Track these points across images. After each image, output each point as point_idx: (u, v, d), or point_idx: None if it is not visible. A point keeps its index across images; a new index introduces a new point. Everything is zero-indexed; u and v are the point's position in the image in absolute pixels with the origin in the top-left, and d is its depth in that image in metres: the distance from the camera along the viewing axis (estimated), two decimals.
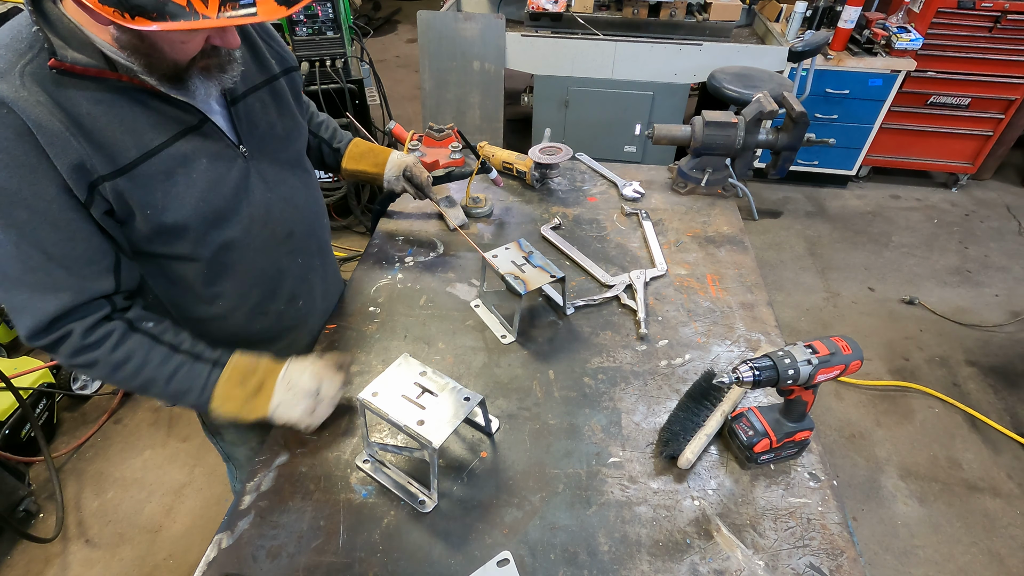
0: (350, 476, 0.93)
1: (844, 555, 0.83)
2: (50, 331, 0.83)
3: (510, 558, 0.81)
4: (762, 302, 1.26)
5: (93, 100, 0.77)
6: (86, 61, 0.75)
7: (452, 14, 3.22)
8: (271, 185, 0.98)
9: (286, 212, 1.02)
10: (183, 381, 0.90)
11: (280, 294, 1.08)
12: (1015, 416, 2.41)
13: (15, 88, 0.72)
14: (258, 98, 0.96)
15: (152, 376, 0.89)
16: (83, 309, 0.84)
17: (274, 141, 0.99)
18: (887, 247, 3.35)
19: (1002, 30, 3.15)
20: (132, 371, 0.88)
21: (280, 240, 1.02)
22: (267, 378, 0.93)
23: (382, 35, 6.15)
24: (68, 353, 0.85)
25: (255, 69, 0.97)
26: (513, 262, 1.15)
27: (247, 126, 0.94)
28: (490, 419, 0.98)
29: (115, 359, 0.86)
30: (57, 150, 0.74)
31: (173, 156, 0.84)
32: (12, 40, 0.75)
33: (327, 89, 2.81)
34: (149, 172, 0.82)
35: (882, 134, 3.54)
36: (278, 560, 0.82)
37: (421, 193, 1.34)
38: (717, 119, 1.52)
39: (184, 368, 0.90)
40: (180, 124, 0.85)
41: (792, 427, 0.92)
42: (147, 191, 0.83)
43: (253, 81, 0.96)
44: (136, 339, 0.88)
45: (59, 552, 1.93)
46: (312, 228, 1.12)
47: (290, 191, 1.03)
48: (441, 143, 1.68)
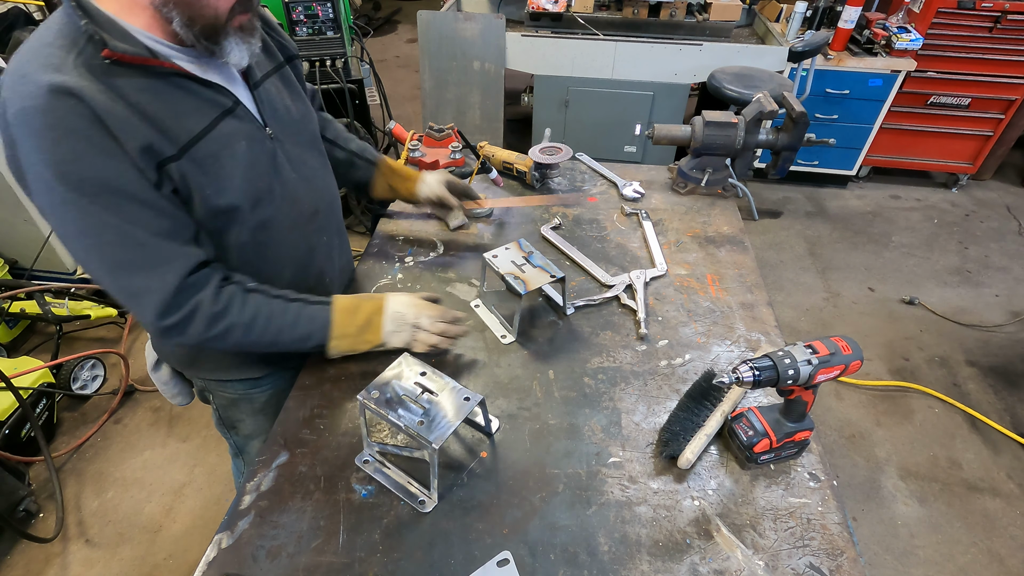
0: (350, 476, 0.93)
1: (844, 555, 0.83)
2: (179, 306, 0.87)
3: (510, 558, 0.81)
4: (762, 302, 1.26)
5: (141, 88, 0.80)
6: (133, 50, 0.77)
7: (452, 14, 3.22)
8: (295, 165, 1.03)
9: (310, 191, 1.07)
10: (306, 324, 1.00)
11: (311, 271, 1.13)
12: (1015, 416, 2.41)
13: (77, 79, 0.74)
14: (272, 83, 1.01)
15: (281, 326, 0.97)
16: (198, 279, 0.88)
17: (292, 123, 1.04)
18: (887, 247, 3.35)
19: (1002, 30, 3.15)
20: (263, 326, 0.95)
21: (307, 218, 1.08)
22: (373, 313, 1.05)
23: (382, 35, 6.15)
24: (203, 325, 0.89)
25: (264, 57, 1.02)
26: (513, 262, 1.15)
27: (269, 109, 0.98)
28: (490, 419, 0.98)
29: (246, 319, 0.93)
30: (127, 134, 0.77)
31: (216, 139, 0.88)
32: (56, 37, 0.77)
33: (327, 89, 2.82)
34: (200, 155, 0.86)
35: (882, 134, 3.54)
36: (278, 560, 0.82)
37: (464, 196, 1.38)
38: (717, 119, 1.52)
39: (304, 312, 0.99)
40: (218, 107, 0.88)
41: (792, 427, 0.92)
42: (202, 173, 0.86)
43: (265, 68, 1.01)
44: (254, 298, 0.95)
45: (59, 552, 1.93)
46: (332, 207, 1.17)
47: (311, 171, 1.08)
48: (441, 143, 1.68)
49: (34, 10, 2.48)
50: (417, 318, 1.06)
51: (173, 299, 0.85)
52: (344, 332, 1.03)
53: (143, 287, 0.84)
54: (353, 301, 1.05)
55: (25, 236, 2.56)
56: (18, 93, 0.73)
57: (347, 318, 1.03)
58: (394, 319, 1.05)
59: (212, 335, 0.91)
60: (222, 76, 0.91)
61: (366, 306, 1.05)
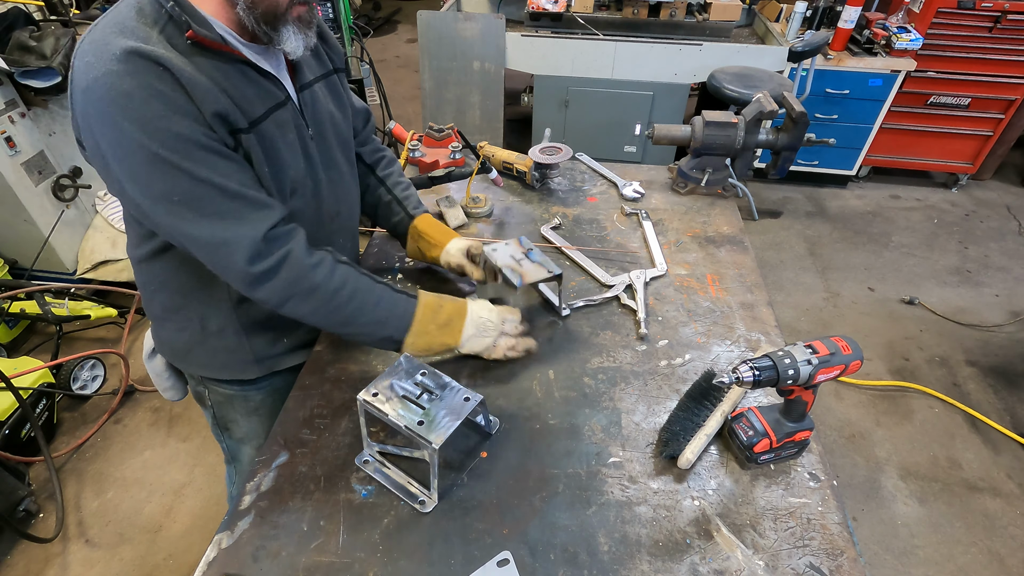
0: (350, 476, 0.93)
1: (844, 555, 0.83)
2: (270, 253, 0.88)
3: (510, 558, 0.81)
4: (762, 302, 1.26)
5: (216, 68, 0.85)
6: (210, 35, 0.82)
7: (452, 14, 3.22)
8: (327, 166, 1.06)
9: (336, 192, 1.11)
10: (387, 308, 0.99)
11: None
12: (1015, 416, 2.41)
13: (161, 49, 0.79)
14: (319, 88, 1.06)
15: (362, 303, 0.97)
16: (287, 231, 0.91)
17: (331, 128, 1.07)
18: (887, 247, 3.35)
19: (1002, 30, 3.15)
20: (346, 297, 0.95)
21: (330, 217, 1.11)
22: (455, 316, 1.04)
23: (382, 35, 6.15)
24: (292, 276, 0.91)
25: (315, 64, 1.06)
26: (512, 256, 1.15)
27: (312, 110, 1.02)
28: (490, 419, 0.98)
29: (334, 284, 0.94)
30: (206, 102, 0.81)
31: (273, 125, 0.93)
32: (138, 15, 0.81)
33: None
34: (262, 135, 0.91)
35: (882, 134, 3.54)
36: (278, 560, 0.82)
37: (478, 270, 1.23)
38: (717, 119, 1.52)
39: (387, 296, 0.99)
40: (274, 99, 0.93)
41: (792, 427, 0.92)
42: (264, 151, 0.92)
43: (315, 72, 1.05)
44: (344, 267, 0.97)
45: (59, 552, 1.93)
46: (352, 212, 1.19)
47: (340, 175, 1.11)
48: (441, 143, 1.68)
49: (34, 10, 2.47)
50: (503, 323, 1.08)
51: (265, 246, 0.88)
52: (424, 328, 1.02)
53: (234, 236, 0.86)
54: (437, 299, 1.05)
55: (25, 236, 2.56)
56: (101, 58, 0.76)
57: (429, 315, 1.02)
58: (477, 324, 1.05)
59: (297, 291, 0.92)
60: (279, 72, 0.96)
61: (448, 307, 1.05)
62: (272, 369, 1.17)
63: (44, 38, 2.33)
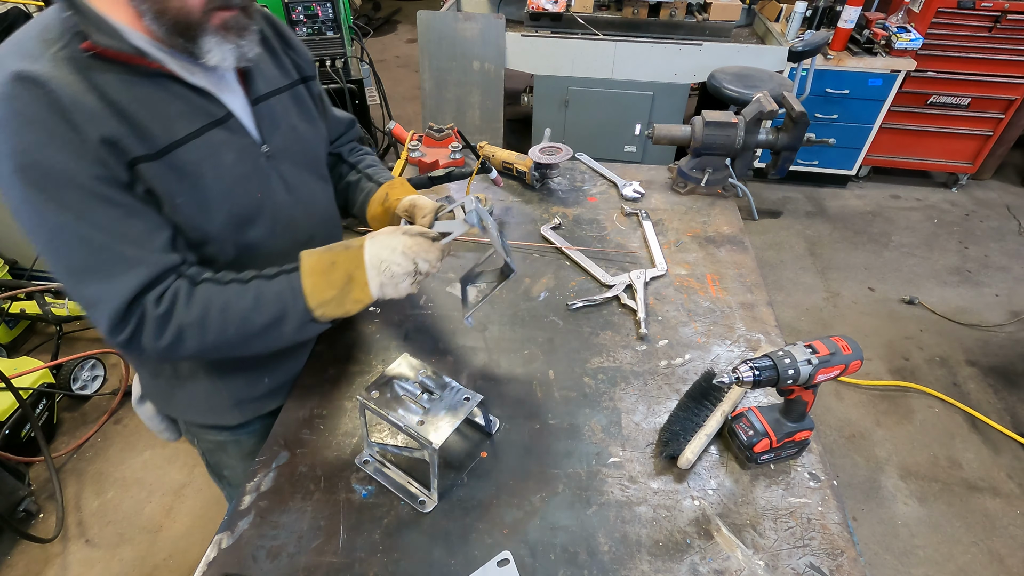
0: (350, 476, 0.93)
1: (844, 555, 0.83)
2: (128, 317, 0.79)
3: (510, 558, 0.81)
4: (762, 302, 1.26)
5: (124, 84, 0.76)
6: (117, 46, 0.74)
7: (452, 14, 3.22)
8: (292, 187, 0.98)
9: (307, 216, 1.02)
10: (273, 301, 0.86)
11: None
12: (1015, 416, 2.41)
13: (48, 68, 0.71)
14: (279, 101, 0.97)
15: (242, 314, 0.84)
16: (155, 285, 0.80)
17: (296, 144, 0.99)
18: (887, 247, 3.35)
19: (1002, 30, 3.15)
20: (219, 319, 0.83)
21: (301, 244, 0.96)
22: (353, 268, 0.88)
23: (382, 35, 6.15)
24: (152, 336, 0.80)
25: (277, 74, 0.98)
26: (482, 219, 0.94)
27: (269, 125, 0.94)
28: (490, 419, 0.98)
29: (195, 315, 0.82)
30: (92, 126, 0.72)
31: (201, 147, 0.83)
32: (41, 31, 0.75)
33: (327, 89, 2.81)
34: (181, 160, 0.81)
35: (882, 134, 3.54)
36: (278, 560, 0.82)
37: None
38: (717, 119, 1.52)
39: (265, 289, 0.86)
40: (207, 116, 0.84)
41: (792, 427, 0.92)
42: (179, 180, 0.81)
43: (275, 84, 0.97)
44: (203, 288, 0.84)
45: (59, 552, 1.93)
46: (331, 234, 1.09)
47: (310, 195, 1.03)
48: (441, 143, 1.68)
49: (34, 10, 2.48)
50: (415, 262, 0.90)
51: (126, 310, 0.78)
52: (324, 298, 0.87)
53: (96, 297, 0.78)
54: (323, 256, 0.89)
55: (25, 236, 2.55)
56: None
57: (322, 280, 0.88)
58: (382, 271, 0.88)
59: (165, 344, 0.81)
60: (218, 85, 0.86)
61: (341, 260, 0.89)
62: (256, 413, 1.09)
63: None
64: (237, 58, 0.82)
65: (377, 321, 1.21)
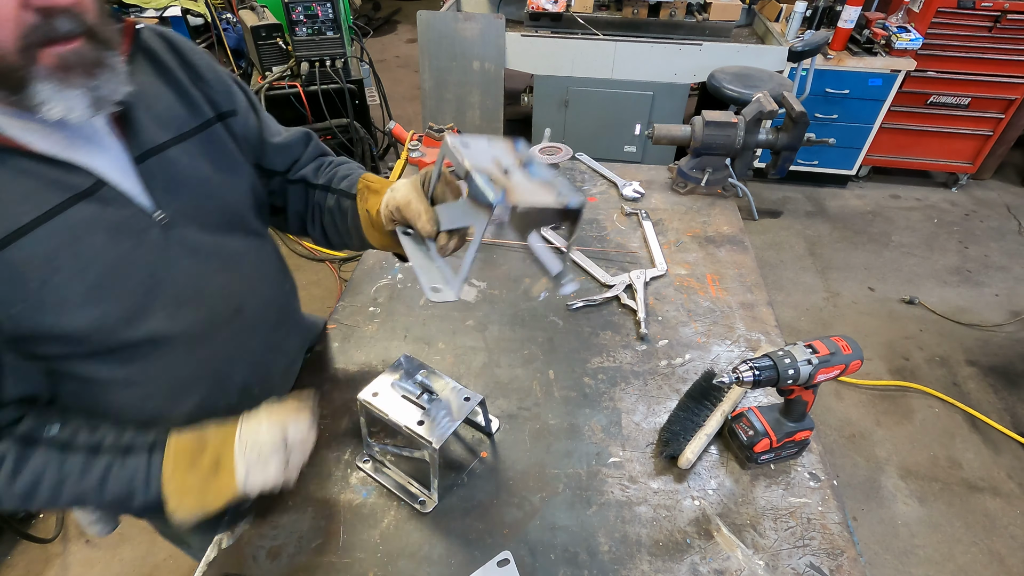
0: (350, 476, 0.93)
1: (844, 555, 0.83)
2: None
3: (510, 558, 0.81)
4: (762, 302, 1.26)
5: None
6: None
7: (452, 14, 3.22)
8: (204, 256, 0.78)
9: (229, 286, 0.82)
10: (119, 485, 0.71)
11: (229, 388, 0.88)
12: (1015, 416, 2.41)
13: None
14: (184, 150, 0.76)
15: (78, 492, 0.71)
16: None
17: (208, 201, 0.79)
18: (887, 247, 3.35)
19: (1002, 30, 3.15)
20: (49, 495, 0.70)
21: (224, 321, 0.82)
22: (222, 449, 0.74)
23: (382, 35, 6.15)
24: None
25: (183, 114, 0.77)
26: (496, 160, 0.68)
27: (166, 185, 0.73)
28: (490, 419, 0.98)
29: (19, 489, 0.68)
30: None
31: (53, 234, 0.64)
32: None
33: (327, 89, 2.82)
34: (24, 254, 0.63)
35: (882, 134, 3.54)
36: (278, 560, 0.82)
37: None
38: (717, 119, 1.52)
39: (115, 468, 0.71)
40: (65, 191, 0.65)
41: (792, 427, 0.92)
42: (13, 285, 0.63)
43: (178, 128, 0.76)
44: (40, 455, 0.69)
45: (59, 552, 1.93)
46: (269, 298, 0.92)
47: (233, 258, 0.84)
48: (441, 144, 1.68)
49: None
50: (285, 435, 0.76)
51: None
52: (183, 486, 0.72)
53: None
54: (195, 439, 0.75)
55: None
56: None
57: (185, 464, 0.73)
58: (251, 451, 0.74)
59: None
60: (74, 146, 0.67)
61: (213, 440, 0.75)
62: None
63: None
64: (93, 104, 0.62)
65: (377, 321, 1.21)
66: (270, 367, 0.96)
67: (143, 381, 0.79)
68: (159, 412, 0.81)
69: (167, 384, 0.81)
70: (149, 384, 0.79)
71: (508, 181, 0.65)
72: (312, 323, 1.16)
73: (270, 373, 0.97)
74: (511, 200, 0.62)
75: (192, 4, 3.17)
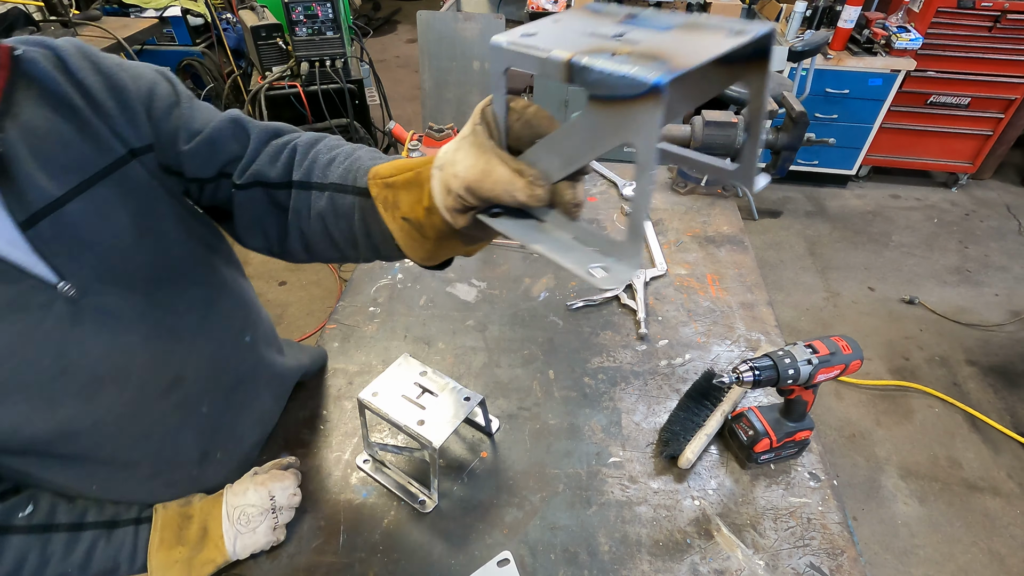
0: (350, 476, 0.93)
1: (844, 555, 0.83)
2: None
3: (510, 558, 0.81)
4: (762, 302, 1.26)
5: None
6: None
7: (452, 14, 3.22)
8: (126, 325, 0.64)
9: (163, 353, 0.69)
10: (105, 560, 0.69)
11: (183, 459, 0.78)
12: (1015, 416, 2.41)
13: None
14: (91, 200, 0.59)
15: (61, 571, 0.67)
16: None
17: (127, 258, 0.63)
18: (887, 247, 3.35)
19: (1002, 30, 3.15)
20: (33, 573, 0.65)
21: (159, 396, 0.71)
22: (208, 519, 0.75)
23: (382, 35, 6.15)
24: None
25: (89, 153, 0.59)
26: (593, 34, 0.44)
27: (68, 249, 0.58)
28: (490, 419, 0.98)
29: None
30: None
31: None
32: None
33: (327, 89, 2.82)
34: None
35: (882, 134, 3.54)
36: (278, 560, 0.82)
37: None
38: (717, 119, 1.52)
39: (100, 544, 0.69)
40: None
41: (792, 427, 0.92)
42: None
43: (83, 173, 0.59)
44: (17, 541, 0.64)
45: None
46: (221, 360, 0.79)
47: (165, 321, 0.69)
48: (441, 143, 1.68)
49: (34, 10, 2.47)
50: (267, 491, 0.79)
51: None
52: (170, 558, 0.72)
53: None
54: (180, 510, 0.75)
55: None
56: None
57: (171, 537, 0.73)
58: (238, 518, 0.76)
59: None
60: None
61: (199, 510, 0.75)
62: None
63: None
64: None
65: (377, 321, 1.21)
66: (233, 428, 0.85)
67: (73, 470, 0.68)
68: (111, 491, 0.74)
69: (104, 468, 0.70)
70: (82, 472, 0.69)
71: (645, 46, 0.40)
72: (295, 366, 1.00)
73: (234, 433, 0.86)
74: (678, 65, 0.36)
75: (192, 4, 3.17)
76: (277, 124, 0.71)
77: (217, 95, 3.20)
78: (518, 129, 0.51)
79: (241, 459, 0.89)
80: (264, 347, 0.89)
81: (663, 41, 0.40)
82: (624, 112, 0.39)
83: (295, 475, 0.85)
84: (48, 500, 0.68)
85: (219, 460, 0.83)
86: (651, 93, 0.36)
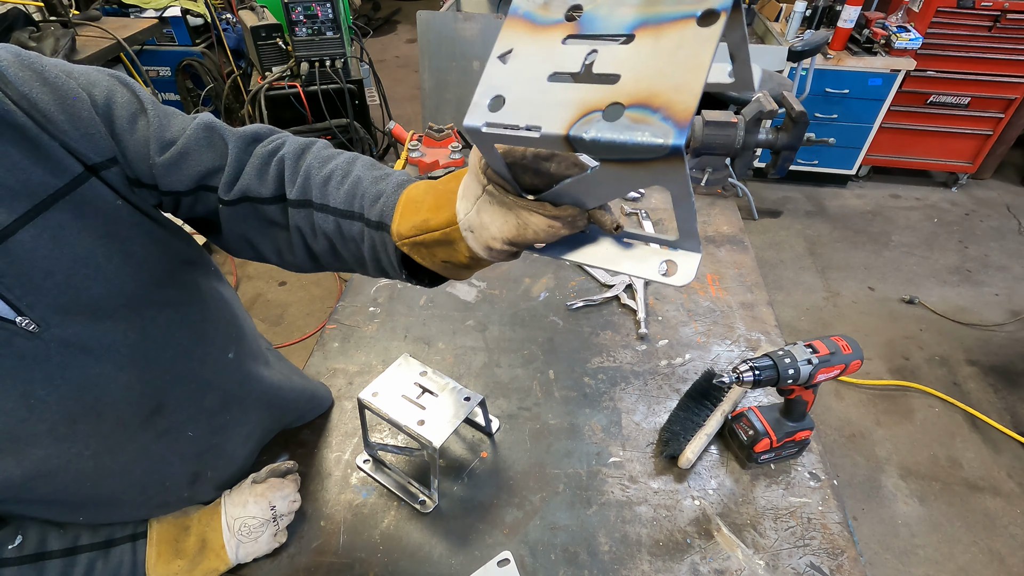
0: (350, 476, 0.93)
1: (844, 554, 0.83)
2: None
3: (510, 558, 0.81)
4: (762, 302, 1.26)
5: None
6: None
7: (452, 14, 3.22)
8: (97, 354, 0.59)
9: (140, 383, 0.64)
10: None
11: (173, 483, 0.75)
12: (1015, 415, 2.41)
13: None
14: (44, 227, 0.53)
15: None
16: None
17: (91, 284, 0.57)
18: (887, 246, 3.35)
19: (1002, 29, 3.15)
20: None
21: (141, 423, 0.66)
22: (207, 530, 0.76)
23: (382, 35, 6.15)
24: None
25: (40, 175, 0.53)
26: (557, 73, 0.42)
27: (22, 281, 0.53)
28: (490, 419, 0.98)
29: None
30: None
31: None
32: None
33: (327, 90, 2.82)
34: None
35: (882, 133, 3.54)
36: (278, 560, 0.82)
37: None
38: (717, 119, 1.51)
39: (98, 564, 0.69)
40: None
41: (792, 427, 0.92)
42: None
43: (34, 197, 0.52)
44: (10, 573, 0.63)
45: None
46: (205, 381, 0.74)
47: (142, 347, 0.64)
48: (441, 143, 1.68)
49: (34, 11, 2.47)
50: (268, 502, 0.80)
51: None
52: (168, 571, 0.73)
53: None
54: (177, 523, 0.75)
55: None
56: None
57: (169, 552, 0.73)
58: (238, 529, 0.77)
59: None
60: None
61: (196, 522, 0.76)
62: None
63: (44, 39, 2.33)
64: None
65: (377, 321, 1.21)
66: (222, 448, 0.81)
67: (55, 509, 0.66)
68: (100, 520, 0.73)
69: (88, 503, 0.68)
70: (64, 509, 0.67)
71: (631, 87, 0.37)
72: (281, 379, 0.91)
73: (224, 452, 0.82)
74: (681, 114, 0.35)
75: (192, 4, 3.16)
76: (255, 128, 0.66)
77: (217, 95, 3.20)
78: (522, 173, 0.51)
79: (235, 474, 0.86)
80: (250, 362, 0.83)
81: (640, 65, 0.37)
82: (646, 167, 0.38)
83: (295, 481, 0.86)
84: (37, 529, 0.66)
85: (211, 478, 0.81)
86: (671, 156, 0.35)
